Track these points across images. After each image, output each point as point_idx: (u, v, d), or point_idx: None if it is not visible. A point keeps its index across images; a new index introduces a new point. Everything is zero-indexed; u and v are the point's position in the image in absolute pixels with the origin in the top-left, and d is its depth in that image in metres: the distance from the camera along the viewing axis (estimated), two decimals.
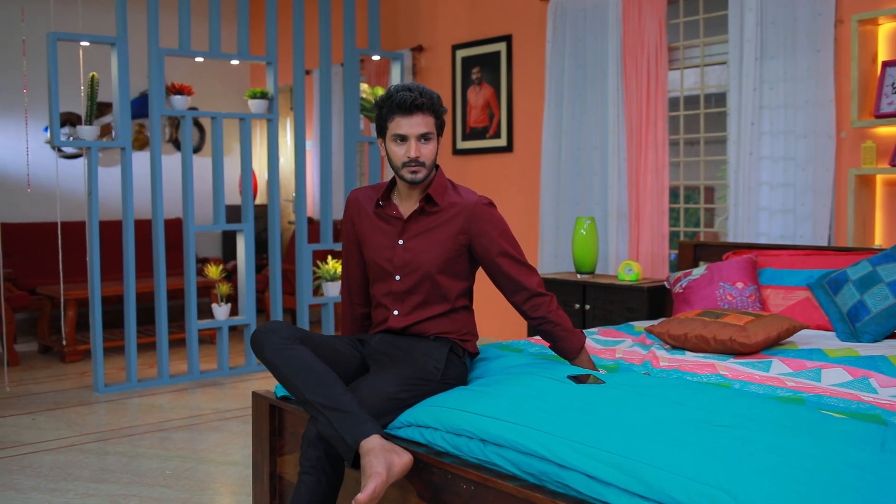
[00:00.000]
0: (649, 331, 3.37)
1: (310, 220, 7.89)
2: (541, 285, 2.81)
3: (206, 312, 6.30)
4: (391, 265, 2.81)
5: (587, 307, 4.76)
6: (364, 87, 6.42)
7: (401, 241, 2.80)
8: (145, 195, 7.28)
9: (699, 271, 4.03)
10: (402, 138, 2.71)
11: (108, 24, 6.12)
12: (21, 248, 7.10)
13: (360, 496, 2.14)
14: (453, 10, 6.69)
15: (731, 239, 4.69)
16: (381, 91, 6.42)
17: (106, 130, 8.06)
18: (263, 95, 5.91)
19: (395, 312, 2.83)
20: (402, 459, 2.28)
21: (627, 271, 4.67)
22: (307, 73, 7.87)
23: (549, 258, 5.80)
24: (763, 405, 2.29)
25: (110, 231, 6.46)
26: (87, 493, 3.59)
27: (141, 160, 7.65)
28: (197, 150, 8.69)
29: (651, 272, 5.12)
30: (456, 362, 2.77)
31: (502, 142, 6.34)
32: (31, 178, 7.40)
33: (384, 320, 2.86)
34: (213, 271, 5.82)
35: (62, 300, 5.85)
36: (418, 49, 6.97)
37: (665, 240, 5.16)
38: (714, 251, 4.49)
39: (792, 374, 2.83)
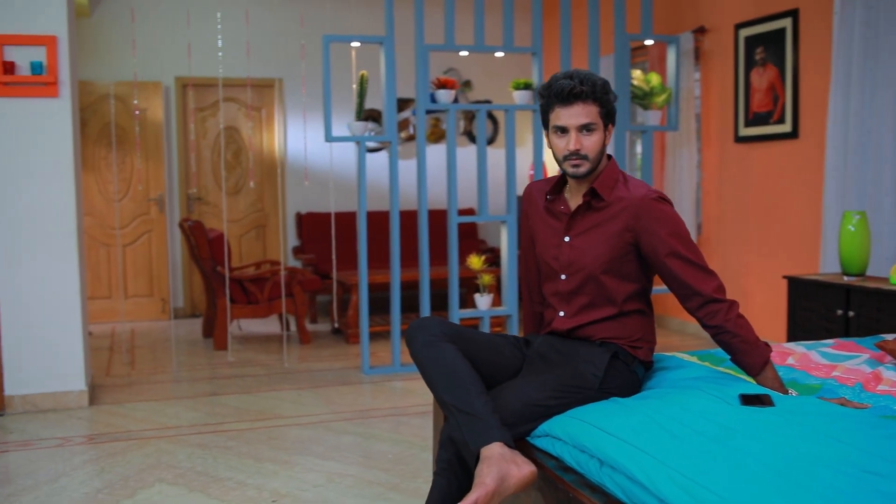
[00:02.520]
0: (880, 346, 2.88)
1: None
2: (719, 290, 2.51)
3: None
4: (557, 263, 2.66)
5: (851, 314, 4.19)
6: (636, 73, 6.16)
7: (566, 239, 2.64)
8: (438, 187, 7.62)
9: None
10: (563, 130, 2.54)
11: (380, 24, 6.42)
12: (323, 236, 7.70)
13: None
14: None
15: None
16: (654, 78, 6.14)
17: (403, 126, 8.51)
18: (528, 86, 5.88)
19: (561, 314, 2.67)
20: (522, 472, 2.15)
21: None
22: None
23: (832, 257, 5.19)
24: None
25: (403, 220, 6.81)
26: (310, 469, 3.82)
27: (436, 152, 8.01)
28: (490, 141, 8.89)
29: None
30: (621, 370, 2.56)
31: (787, 127, 5.78)
32: (336, 171, 8.02)
33: (550, 321, 2.72)
34: (475, 262, 5.91)
35: (334, 284, 6.26)
36: (700, 30, 6.55)
37: None
38: None
39: None
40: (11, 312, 4.76)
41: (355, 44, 5.80)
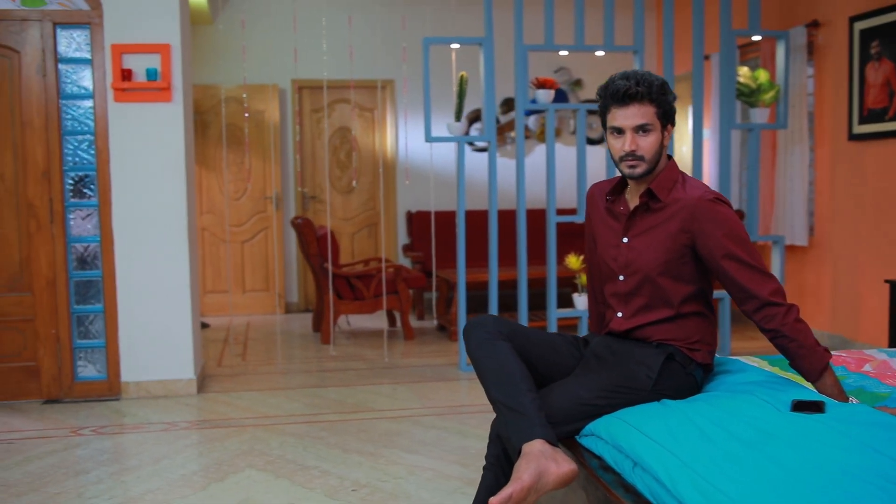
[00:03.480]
0: None
1: None
2: (776, 294, 2.46)
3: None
4: (616, 264, 2.67)
5: None
6: (743, 70, 6.00)
7: (625, 240, 2.65)
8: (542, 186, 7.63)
9: None
10: (619, 131, 2.55)
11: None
12: (429, 234, 7.84)
13: (493, 498, 2.11)
14: None
15: None
16: (762, 74, 5.98)
17: (511, 126, 8.56)
18: None
19: (619, 315, 2.68)
20: (561, 469, 2.18)
21: None
22: (706, 58, 7.56)
23: None
24: None
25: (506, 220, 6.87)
26: (394, 461, 3.93)
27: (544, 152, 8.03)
28: (601, 140, 8.83)
29: None
30: (677, 372, 2.55)
31: None
32: (446, 170, 8.15)
33: (609, 322, 2.73)
34: (574, 261, 5.91)
35: (434, 281, 6.37)
36: (813, 24, 6.33)
37: None
38: None
39: None
40: (128, 305, 5.08)
41: (455, 46, 5.89)
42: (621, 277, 2.66)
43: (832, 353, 3.14)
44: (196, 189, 7.88)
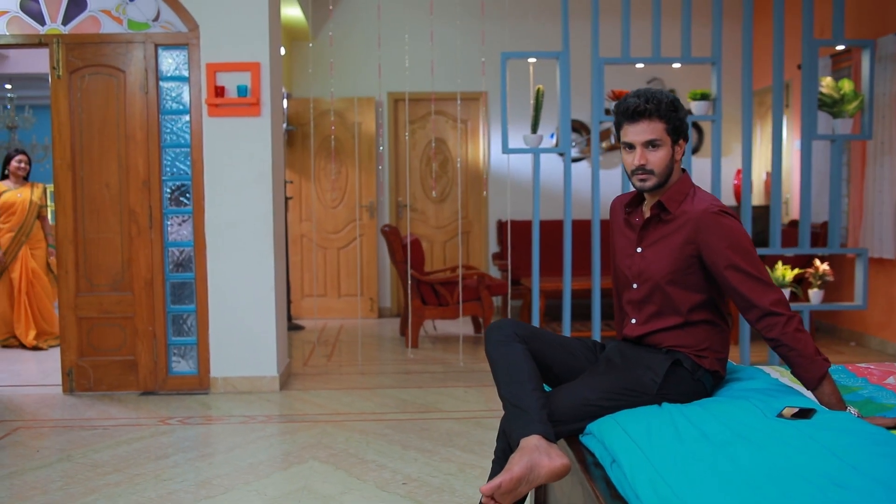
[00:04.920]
0: None
1: (794, 223, 7.52)
2: (778, 304, 2.53)
3: None
4: (630, 272, 2.80)
5: None
6: (826, 80, 5.93)
7: (639, 249, 2.77)
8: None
9: None
10: (630, 146, 2.68)
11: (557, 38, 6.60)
12: (518, 243, 8.00)
13: (483, 486, 2.27)
14: None
15: None
16: (846, 84, 5.90)
17: (605, 135, 8.63)
18: (705, 97, 5.86)
19: (633, 321, 2.80)
20: (553, 463, 2.32)
21: None
22: (798, 68, 7.46)
23: None
24: None
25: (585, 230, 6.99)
26: (447, 458, 4.13)
27: None
28: (695, 150, 8.79)
29: None
30: (683, 378, 2.65)
31: None
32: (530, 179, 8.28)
33: (624, 328, 2.85)
34: None
35: (508, 289, 6.51)
36: None
37: None
38: None
39: None
40: (218, 306, 5.46)
41: (532, 59, 6.04)
42: (635, 285, 2.78)
43: (861, 364, 3.17)
44: (296, 198, 8.30)
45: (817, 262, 6.12)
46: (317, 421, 4.83)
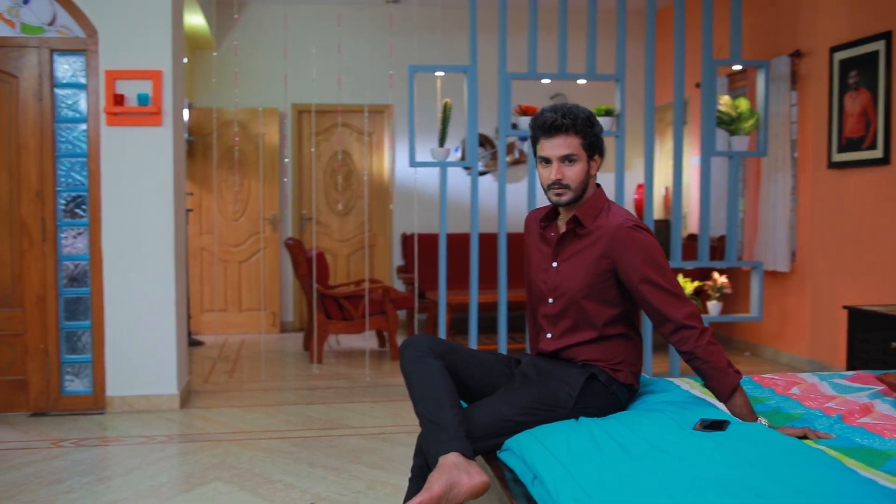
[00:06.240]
0: (882, 380, 2.84)
1: (692, 237, 7.72)
2: (691, 317, 2.57)
3: None
4: (546, 287, 2.80)
5: None
6: (724, 99, 6.12)
7: (554, 264, 2.77)
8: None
9: None
10: (546, 160, 2.68)
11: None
12: (423, 256, 7.97)
13: None
14: (833, 7, 6.07)
15: None
16: (742, 103, 6.09)
17: (509, 150, 8.70)
18: (609, 113, 5.96)
19: (549, 335, 2.80)
20: (473, 481, 2.29)
21: None
22: (697, 86, 7.68)
23: None
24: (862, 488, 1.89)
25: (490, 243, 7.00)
26: (356, 476, 4.05)
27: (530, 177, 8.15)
28: None
29: None
30: (598, 391, 2.66)
31: (878, 153, 5.61)
32: (436, 192, 8.28)
33: (540, 342, 2.85)
34: None
35: (417, 302, 6.49)
36: (796, 54, 6.44)
37: None
38: None
39: None
40: (115, 321, 5.24)
41: (439, 73, 6.04)
42: (550, 300, 2.78)
43: (766, 375, 3.25)
44: (196, 210, 8.08)
45: (716, 274, 6.30)
46: (220, 440, 4.68)
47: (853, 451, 2.27)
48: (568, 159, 2.65)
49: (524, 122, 5.92)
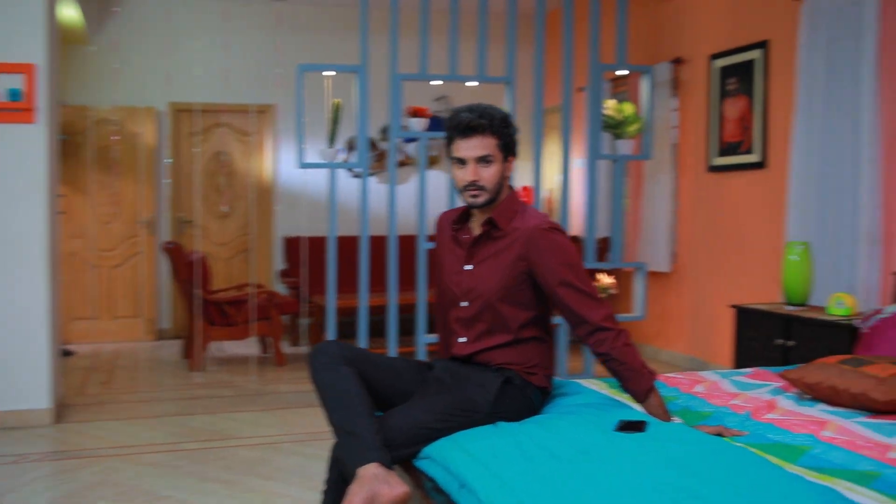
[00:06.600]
0: (784, 376, 2.92)
1: (576, 239, 7.83)
2: (607, 319, 2.56)
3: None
4: (459, 290, 2.74)
5: (790, 343, 4.20)
6: (609, 103, 6.22)
7: (467, 267, 2.71)
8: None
9: (893, 308, 3.41)
10: (462, 161, 2.63)
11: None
12: (307, 260, 7.79)
13: None
14: (714, 16, 6.27)
15: None
16: (627, 107, 6.20)
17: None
18: None
19: (462, 339, 2.74)
20: (394, 492, 2.20)
21: (838, 305, 4.07)
22: (580, 90, 7.79)
23: None
24: (786, 485, 1.90)
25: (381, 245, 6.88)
26: (251, 488, 3.88)
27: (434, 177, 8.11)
28: None
29: None
30: (514, 395, 2.62)
31: (755, 157, 5.82)
32: (321, 196, 8.13)
33: (453, 346, 2.79)
34: None
35: (299, 306, 6.33)
36: (677, 61, 6.62)
37: None
38: None
39: None
40: None
41: (329, 73, 5.91)
42: (464, 303, 2.72)
43: (670, 374, 3.29)
44: (67, 213, 7.66)
45: (601, 275, 6.40)
46: (100, 455, 4.41)
47: (768, 448, 2.30)
48: (484, 160, 2.60)
49: (414, 123, 5.86)
